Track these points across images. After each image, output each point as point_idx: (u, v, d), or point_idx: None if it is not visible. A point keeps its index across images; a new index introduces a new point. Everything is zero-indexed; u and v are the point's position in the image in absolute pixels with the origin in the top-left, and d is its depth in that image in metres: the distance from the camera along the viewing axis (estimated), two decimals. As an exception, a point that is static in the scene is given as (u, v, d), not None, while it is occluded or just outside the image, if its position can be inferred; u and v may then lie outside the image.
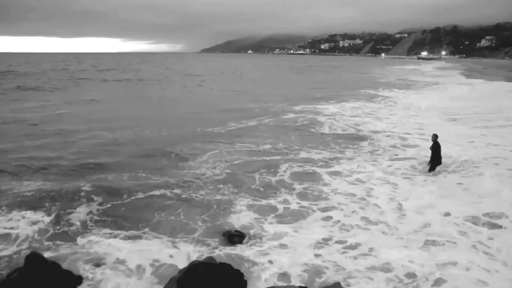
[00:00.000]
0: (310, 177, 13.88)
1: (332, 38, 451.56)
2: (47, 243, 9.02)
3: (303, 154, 16.74)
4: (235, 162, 15.35)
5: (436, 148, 14.36)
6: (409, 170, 14.63)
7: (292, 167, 14.93)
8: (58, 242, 9.03)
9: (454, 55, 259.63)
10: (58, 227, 9.76)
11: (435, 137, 14.47)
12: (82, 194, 11.72)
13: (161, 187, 12.36)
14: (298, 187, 12.83)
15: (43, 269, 7.69)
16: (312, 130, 22.34)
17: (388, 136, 20.63)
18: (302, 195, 12.13)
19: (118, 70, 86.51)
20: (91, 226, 9.92)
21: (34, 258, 7.85)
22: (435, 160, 14.44)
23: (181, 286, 7.24)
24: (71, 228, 9.76)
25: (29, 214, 10.29)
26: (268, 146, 18.03)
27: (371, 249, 8.70)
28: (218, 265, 7.82)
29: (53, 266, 7.90)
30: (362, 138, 20.00)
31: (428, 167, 14.58)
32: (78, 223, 9.97)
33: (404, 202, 11.47)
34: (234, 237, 9.55)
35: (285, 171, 14.38)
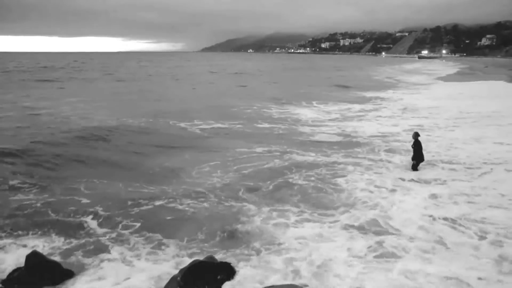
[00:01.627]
0: (319, 181, 13.32)
1: (332, 37, 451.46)
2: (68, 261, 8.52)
3: (305, 159, 16.13)
4: (233, 168, 14.86)
5: (417, 145, 14.55)
6: (417, 173, 14.20)
7: (292, 170, 14.56)
8: (80, 260, 8.56)
9: (454, 54, 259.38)
10: (75, 245, 9.21)
11: (416, 135, 14.70)
12: (84, 204, 11.40)
13: (161, 198, 11.95)
14: (309, 192, 12.41)
15: (44, 268, 7.68)
16: (306, 133, 21.63)
17: (385, 137, 20.26)
18: (313, 201, 11.69)
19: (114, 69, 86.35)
20: (107, 240, 9.50)
21: (34, 257, 7.84)
22: (418, 157, 14.60)
23: (181, 284, 7.22)
24: (89, 244, 9.28)
25: (39, 234, 9.63)
26: (263, 150, 17.35)
27: (387, 262, 8.38)
28: (218, 264, 7.81)
29: (54, 265, 7.89)
30: (362, 141, 19.38)
31: (411, 164, 14.72)
32: (94, 238, 9.56)
33: (424, 210, 10.94)
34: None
35: (288, 176, 13.93)
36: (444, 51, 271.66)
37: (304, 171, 14.47)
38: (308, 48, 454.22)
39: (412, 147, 14.72)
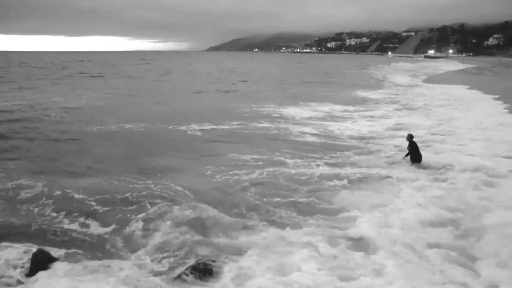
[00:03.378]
0: (313, 187, 12.78)
1: (338, 37, 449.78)
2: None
3: (290, 164, 15.34)
4: (228, 173, 14.28)
5: (413, 147, 14.67)
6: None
7: (280, 177, 13.86)
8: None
9: (461, 54, 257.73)
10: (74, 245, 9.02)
11: (410, 137, 14.79)
12: (82, 204, 11.37)
13: (159, 199, 11.73)
14: (301, 200, 11.88)
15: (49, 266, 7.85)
16: (293, 133, 21.10)
17: (373, 139, 19.72)
18: (307, 208, 11.26)
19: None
20: (107, 240, 9.35)
21: (40, 255, 8.01)
22: (415, 158, 14.71)
23: (187, 281, 7.37)
24: (88, 244, 9.17)
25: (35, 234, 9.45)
26: (259, 156, 16.46)
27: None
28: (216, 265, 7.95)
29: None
30: (349, 144, 18.73)
31: (409, 163, 14.78)
32: (95, 239, 9.46)
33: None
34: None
35: (279, 183, 13.35)
36: (450, 51, 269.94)
37: (294, 176, 13.85)
38: (314, 48, 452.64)
39: (408, 149, 14.83)
